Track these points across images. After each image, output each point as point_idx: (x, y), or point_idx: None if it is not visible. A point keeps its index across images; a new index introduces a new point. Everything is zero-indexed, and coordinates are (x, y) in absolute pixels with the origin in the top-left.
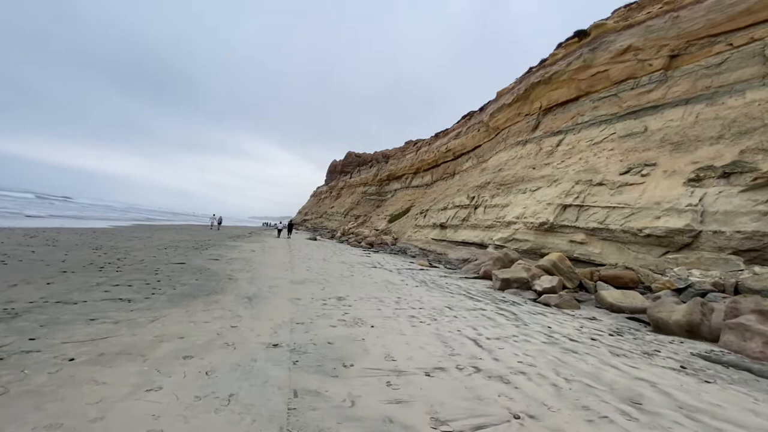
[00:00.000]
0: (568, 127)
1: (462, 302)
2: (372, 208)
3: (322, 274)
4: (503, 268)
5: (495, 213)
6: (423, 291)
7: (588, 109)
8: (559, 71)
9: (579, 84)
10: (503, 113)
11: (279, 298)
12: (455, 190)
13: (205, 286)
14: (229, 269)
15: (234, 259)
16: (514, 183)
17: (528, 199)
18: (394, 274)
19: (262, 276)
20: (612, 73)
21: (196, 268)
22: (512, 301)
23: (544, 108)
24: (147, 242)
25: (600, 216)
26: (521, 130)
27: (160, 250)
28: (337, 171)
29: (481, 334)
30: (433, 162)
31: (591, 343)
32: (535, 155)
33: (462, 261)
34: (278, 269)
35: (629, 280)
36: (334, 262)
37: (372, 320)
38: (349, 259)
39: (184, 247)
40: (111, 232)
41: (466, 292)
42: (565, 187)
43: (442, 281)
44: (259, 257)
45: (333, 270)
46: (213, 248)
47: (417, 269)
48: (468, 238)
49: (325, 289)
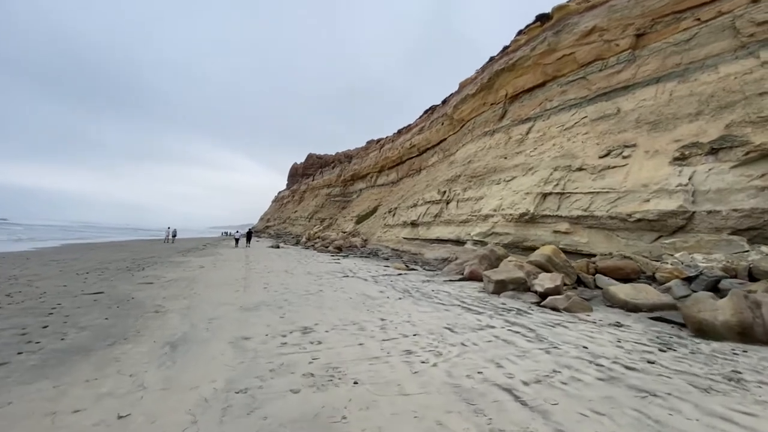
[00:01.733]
0: (537, 113)
1: (462, 318)
2: (337, 210)
3: (282, 292)
4: (490, 266)
5: (469, 207)
6: (410, 305)
7: (556, 93)
8: (523, 57)
9: (545, 69)
10: (467, 104)
11: (218, 340)
12: (424, 185)
13: (113, 329)
14: (161, 296)
15: (173, 280)
16: (486, 174)
17: (503, 190)
18: (370, 284)
19: (203, 303)
20: (578, 56)
21: (116, 298)
22: (517, 309)
23: (510, 96)
24: (67, 267)
25: (583, 203)
26: (488, 120)
27: (80, 275)
28: (298, 174)
29: (512, 375)
30: (397, 159)
31: (654, 370)
32: (504, 144)
33: (441, 261)
34: (227, 290)
35: (630, 271)
36: (299, 273)
37: (354, 367)
38: (316, 268)
39: (114, 270)
40: (28, 255)
41: (459, 301)
42: (542, 174)
43: (426, 288)
44: (207, 275)
45: (297, 285)
46: (152, 268)
47: (394, 274)
48: (443, 235)
49: (285, 316)
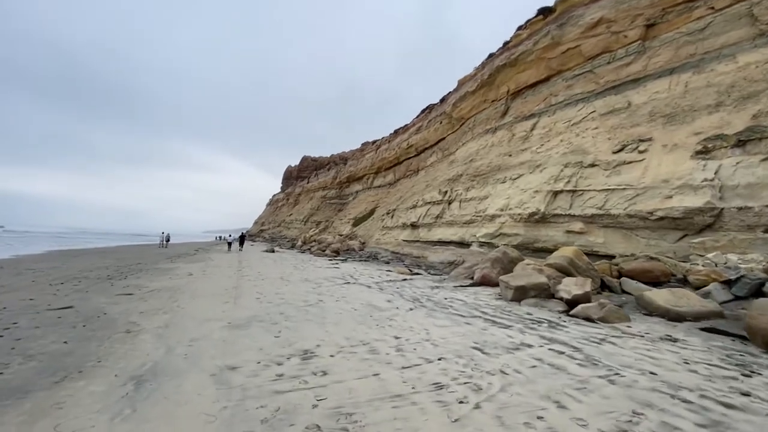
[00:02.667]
0: (541, 109)
1: (489, 334)
2: (333, 213)
3: (278, 303)
4: (504, 270)
5: (473, 207)
6: (424, 317)
7: (561, 88)
8: (525, 51)
9: (549, 63)
10: (467, 102)
11: (197, 372)
12: (423, 186)
13: (69, 358)
14: (138, 311)
15: (156, 290)
16: (490, 173)
17: (510, 188)
18: (375, 292)
19: (185, 319)
20: (585, 49)
21: (84, 314)
22: (548, 321)
23: (512, 92)
24: (42, 277)
25: (598, 200)
26: (489, 118)
27: (53, 286)
28: (293, 177)
29: (584, 422)
30: (394, 160)
31: (759, 408)
32: (508, 142)
33: (447, 264)
34: (215, 302)
35: (660, 273)
36: (296, 280)
37: (373, 413)
38: (314, 273)
39: (93, 279)
40: (3, 264)
41: (479, 311)
42: (552, 171)
43: (437, 296)
44: (194, 284)
45: (294, 294)
46: (136, 276)
47: (399, 280)
48: (445, 237)
49: (281, 335)
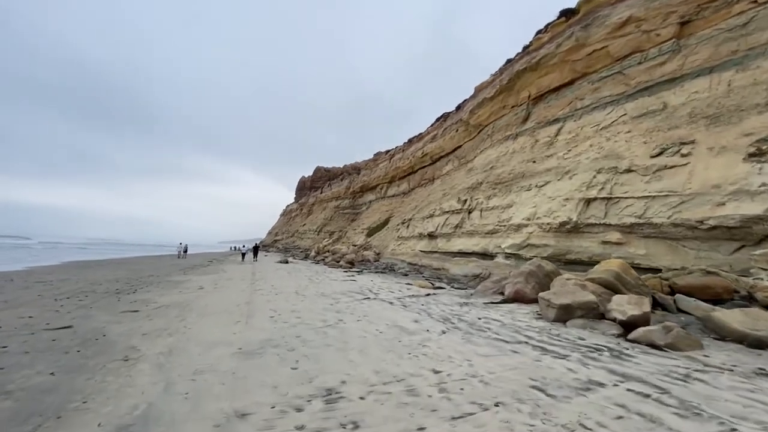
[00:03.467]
0: (566, 114)
1: (545, 366)
2: (347, 223)
3: (293, 323)
4: (539, 285)
5: (496, 216)
6: (462, 343)
7: (587, 91)
8: (548, 55)
9: (573, 66)
10: (485, 108)
11: (197, 421)
12: (440, 195)
13: (52, 395)
14: (140, 332)
15: (164, 307)
16: (513, 180)
17: (536, 196)
18: (398, 310)
19: (190, 343)
20: (613, 50)
21: (82, 336)
22: (606, 348)
23: (534, 97)
24: (50, 290)
25: (637, 208)
26: (509, 124)
27: (58, 301)
28: (306, 187)
29: None
30: (409, 169)
31: None
32: (531, 148)
33: (472, 278)
34: (226, 321)
35: (722, 290)
36: (311, 295)
37: None
38: (330, 287)
39: (101, 293)
40: (15, 276)
41: (523, 335)
42: (583, 178)
43: (469, 314)
44: (205, 299)
45: (310, 312)
46: (146, 289)
47: (422, 295)
48: (466, 248)
49: (299, 366)
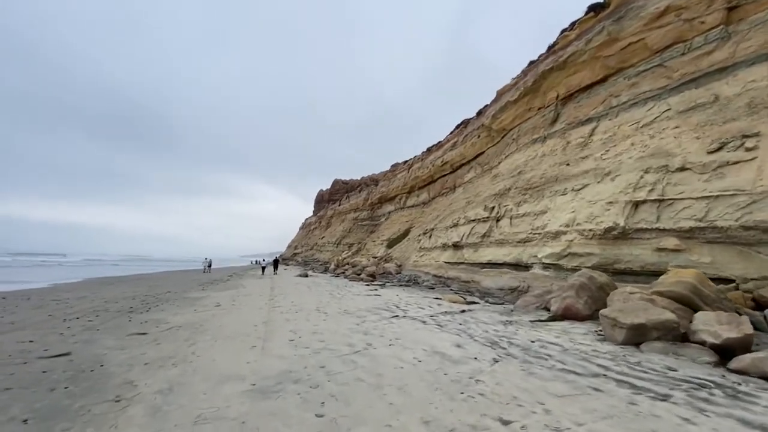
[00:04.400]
0: (600, 112)
1: (649, 414)
2: (365, 234)
3: (316, 349)
4: (592, 299)
5: (528, 223)
6: (522, 376)
7: (624, 88)
8: (576, 52)
9: (606, 62)
10: (508, 112)
11: None
12: (463, 203)
13: None
14: (143, 361)
15: (175, 328)
16: (546, 185)
17: (574, 201)
18: (434, 330)
19: (196, 377)
20: (651, 41)
21: (77, 366)
22: (714, 384)
23: (563, 97)
24: (62, 309)
25: (696, 210)
26: (536, 126)
27: (66, 322)
28: (324, 200)
29: None
30: (428, 178)
31: None
32: (562, 150)
33: (508, 291)
34: (240, 346)
35: None
36: (334, 312)
37: None
38: (353, 303)
39: (113, 312)
40: (33, 294)
41: (595, 363)
42: (628, 179)
43: (517, 335)
44: (220, 319)
45: (334, 334)
46: (160, 307)
47: (456, 312)
48: (496, 258)
49: (326, 413)
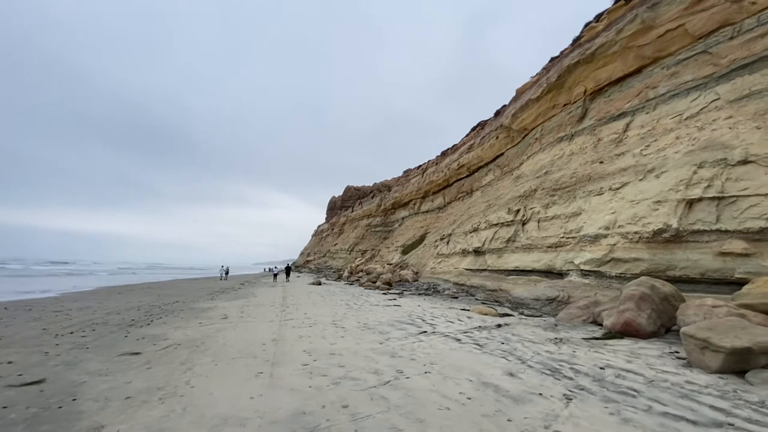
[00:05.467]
0: (635, 106)
1: None
2: (379, 241)
3: (335, 378)
4: (656, 312)
5: (559, 226)
6: (615, 425)
7: (662, 78)
8: (606, 43)
9: (640, 51)
10: (530, 111)
11: None
12: (483, 207)
13: None
14: (125, 393)
15: (173, 346)
16: (577, 185)
17: (612, 201)
18: (474, 351)
19: (184, 419)
20: (693, 27)
21: (47, 397)
22: None
23: (591, 91)
24: (58, 322)
25: (766, 208)
26: (561, 124)
27: (58, 337)
28: (337, 207)
29: None
30: (444, 182)
31: None
32: (593, 148)
33: (546, 301)
34: (244, 372)
35: None
36: (353, 327)
37: None
38: (372, 316)
39: (112, 325)
40: (34, 305)
41: (705, 404)
42: (679, 175)
43: (580, 360)
44: (226, 334)
45: (355, 355)
46: (163, 319)
47: (490, 325)
48: (524, 265)
49: None
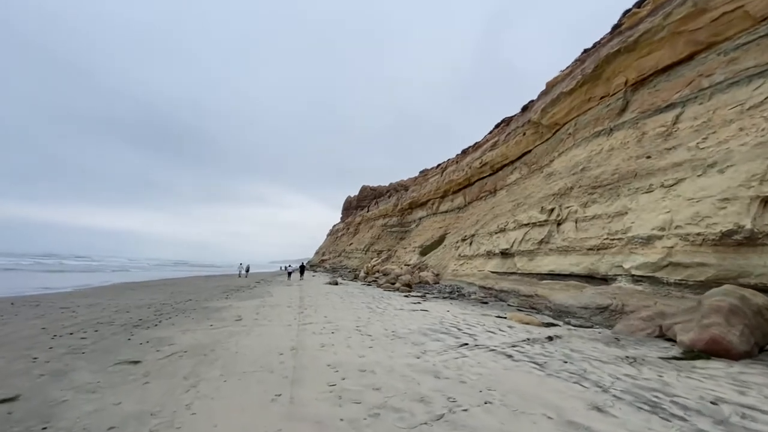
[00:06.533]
0: (686, 96)
1: None
2: (395, 241)
3: (372, 407)
4: (750, 329)
5: (600, 227)
6: None
7: (718, 65)
8: (651, 29)
9: (692, 37)
10: (562, 104)
11: None
12: (509, 206)
13: None
14: (111, 419)
15: (178, 353)
16: (621, 182)
17: (666, 198)
18: (534, 372)
19: None
20: (754, 8)
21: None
22: None
23: (633, 82)
24: (60, 321)
25: None
26: (598, 118)
27: (55, 339)
28: (352, 207)
29: None
30: (465, 181)
31: None
32: (637, 142)
33: (596, 310)
34: (258, 394)
35: None
36: (380, 334)
37: None
38: (400, 321)
39: (118, 324)
40: (42, 300)
41: None
42: (750, 169)
43: (677, 389)
44: (238, 339)
45: (391, 373)
46: (173, 320)
47: (541, 338)
48: (560, 268)
49: None
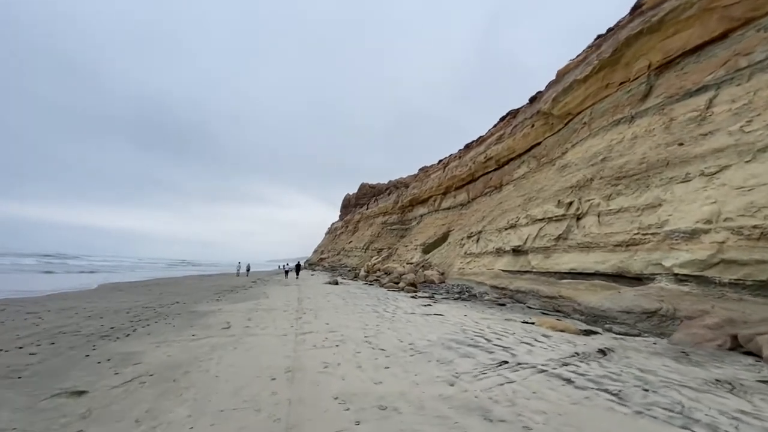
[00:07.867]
0: (720, 78)
1: None
2: (396, 239)
3: None
4: None
5: (628, 221)
6: None
7: (758, 42)
8: (678, 7)
9: (726, 12)
10: (575, 93)
11: None
12: (519, 201)
13: None
14: None
15: (140, 378)
16: (650, 171)
17: (708, 188)
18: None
19: None
20: None
21: None
22: None
23: (658, 65)
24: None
25: None
26: (617, 105)
27: (2, 353)
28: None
29: None
30: (468, 177)
31: None
32: (664, 129)
33: (641, 315)
34: None
35: None
36: (395, 348)
37: None
38: (415, 330)
39: (82, 335)
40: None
41: None
42: None
43: None
44: (222, 355)
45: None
46: (149, 327)
47: (590, 351)
48: (582, 266)
49: None
